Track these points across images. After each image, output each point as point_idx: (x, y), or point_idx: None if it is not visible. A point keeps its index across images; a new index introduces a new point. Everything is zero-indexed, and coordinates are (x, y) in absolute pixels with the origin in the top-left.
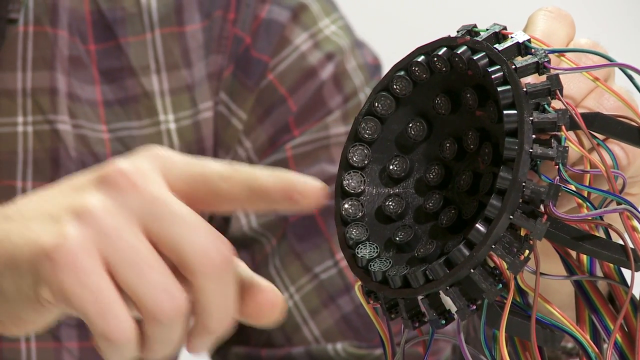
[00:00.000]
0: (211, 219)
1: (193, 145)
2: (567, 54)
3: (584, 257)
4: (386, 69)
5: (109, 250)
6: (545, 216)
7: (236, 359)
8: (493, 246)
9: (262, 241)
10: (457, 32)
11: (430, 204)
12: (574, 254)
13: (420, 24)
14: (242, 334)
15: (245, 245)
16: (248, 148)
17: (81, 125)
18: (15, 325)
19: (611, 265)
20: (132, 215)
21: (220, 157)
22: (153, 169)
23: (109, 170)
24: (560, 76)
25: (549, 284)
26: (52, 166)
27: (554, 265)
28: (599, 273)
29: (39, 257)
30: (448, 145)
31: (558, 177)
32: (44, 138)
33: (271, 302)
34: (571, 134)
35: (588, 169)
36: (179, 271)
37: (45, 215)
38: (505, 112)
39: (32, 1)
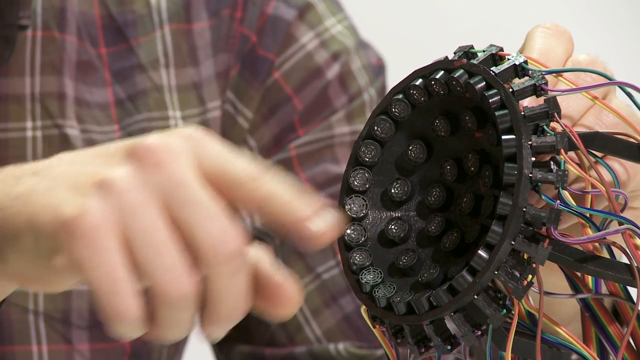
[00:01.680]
0: None
1: None
2: (567, 74)
3: (589, 277)
4: (389, 71)
5: (129, 226)
6: (547, 240)
7: (240, 358)
8: (496, 272)
9: (265, 241)
10: (454, 53)
11: (433, 227)
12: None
13: (422, 29)
14: (246, 332)
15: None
16: (253, 147)
17: (89, 130)
18: (37, 283)
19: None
20: (155, 193)
21: None
22: (184, 150)
23: (140, 144)
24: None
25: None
26: None
27: (560, 279)
28: (605, 290)
29: (58, 225)
30: (448, 167)
31: (558, 201)
32: (53, 142)
33: (286, 296)
34: (572, 153)
35: (589, 189)
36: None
37: (71, 182)
38: (503, 137)
39: (40, 6)
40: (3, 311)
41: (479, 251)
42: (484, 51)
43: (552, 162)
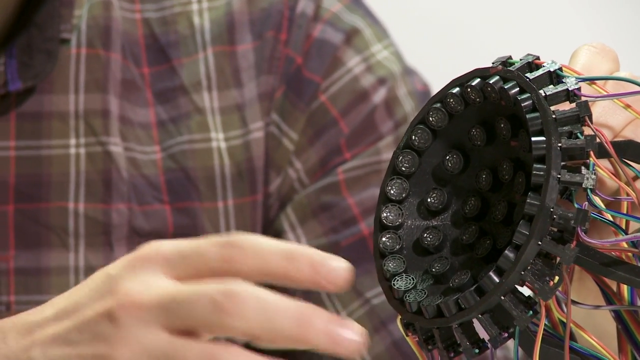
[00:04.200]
0: None
1: (243, 164)
2: (608, 86)
3: (624, 288)
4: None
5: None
6: (575, 242)
7: None
8: (522, 272)
9: None
10: (493, 63)
11: (466, 236)
12: (614, 285)
13: (465, 53)
14: (291, 358)
15: None
16: (299, 169)
17: (131, 148)
18: None
19: None
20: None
21: (271, 177)
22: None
23: (114, 303)
24: (600, 108)
25: (601, 324)
26: (104, 187)
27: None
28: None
29: None
30: (484, 176)
31: (586, 202)
32: (96, 160)
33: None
34: (607, 164)
35: (623, 196)
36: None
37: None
38: (533, 138)
39: (85, 24)
40: None
41: (506, 251)
42: (520, 60)
43: (583, 167)
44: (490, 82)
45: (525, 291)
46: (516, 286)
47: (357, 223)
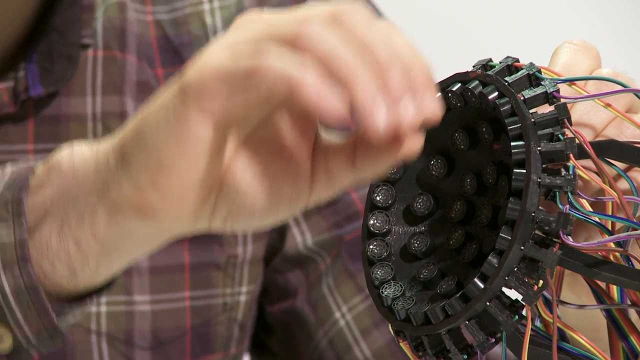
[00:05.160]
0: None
1: None
2: (589, 86)
3: (614, 286)
4: None
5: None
6: (558, 245)
7: None
8: (506, 278)
9: (316, 260)
10: (473, 67)
11: (453, 240)
12: (603, 285)
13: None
14: (295, 352)
15: (299, 263)
16: None
17: None
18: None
19: (639, 293)
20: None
21: None
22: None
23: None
24: (582, 107)
25: (598, 317)
26: None
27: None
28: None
29: None
30: (469, 180)
31: (567, 205)
32: None
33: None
34: (592, 164)
35: (607, 196)
36: None
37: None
38: (512, 143)
39: (101, 26)
40: (65, 331)
41: (489, 257)
42: (500, 63)
43: (563, 169)
44: (470, 87)
45: (513, 293)
46: (503, 290)
47: (361, 218)
